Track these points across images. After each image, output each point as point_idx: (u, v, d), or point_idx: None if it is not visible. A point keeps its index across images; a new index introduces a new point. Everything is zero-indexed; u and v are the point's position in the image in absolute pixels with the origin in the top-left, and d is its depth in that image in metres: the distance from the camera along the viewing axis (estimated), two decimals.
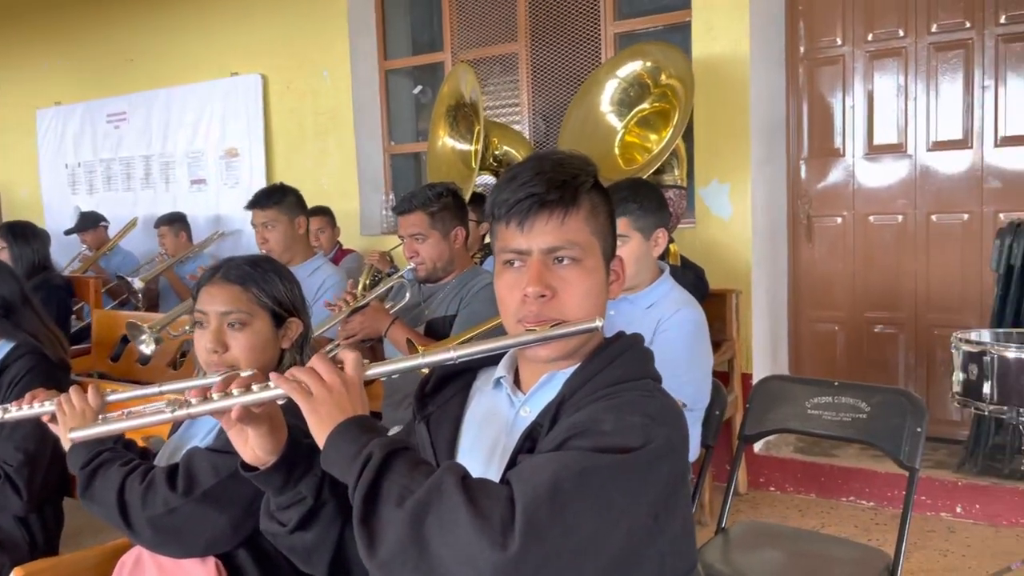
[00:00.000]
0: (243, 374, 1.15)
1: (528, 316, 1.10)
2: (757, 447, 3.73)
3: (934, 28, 3.67)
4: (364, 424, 1.04)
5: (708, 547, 2.16)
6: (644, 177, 3.44)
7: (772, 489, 3.69)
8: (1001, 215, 3.59)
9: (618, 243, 2.19)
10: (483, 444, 1.19)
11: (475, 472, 1.14)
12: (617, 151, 3.82)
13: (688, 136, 3.78)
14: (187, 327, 2.89)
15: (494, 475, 1.10)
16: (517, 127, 4.56)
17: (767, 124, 3.88)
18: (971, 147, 3.66)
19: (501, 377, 1.22)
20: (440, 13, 4.80)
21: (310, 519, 1.19)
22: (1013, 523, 3.17)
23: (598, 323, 1.08)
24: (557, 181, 1.10)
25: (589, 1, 4.28)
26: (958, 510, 3.30)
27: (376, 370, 1.09)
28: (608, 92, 3.80)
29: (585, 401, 1.07)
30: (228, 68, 5.31)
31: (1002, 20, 3.54)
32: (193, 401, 1.10)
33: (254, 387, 1.09)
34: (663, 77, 3.65)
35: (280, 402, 1.11)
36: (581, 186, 1.12)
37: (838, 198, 3.97)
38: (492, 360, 1.25)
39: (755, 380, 3.39)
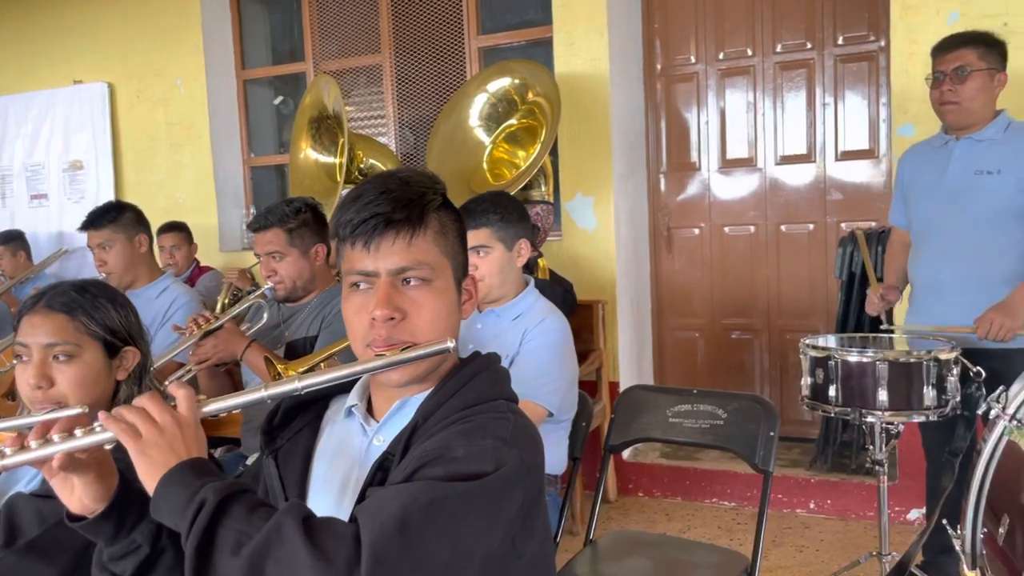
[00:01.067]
0: (68, 413, 1.05)
1: (377, 340, 1.06)
2: (626, 454, 3.81)
3: (779, 48, 3.87)
4: (198, 467, 0.97)
5: (577, 560, 2.17)
6: (512, 192, 3.48)
7: (641, 495, 3.77)
8: (843, 225, 3.82)
9: (481, 254, 2.22)
10: (335, 478, 1.14)
11: (327, 509, 1.08)
12: (486, 166, 3.83)
13: (553, 150, 3.83)
14: (13, 361, 2.66)
15: (347, 511, 1.05)
16: (383, 139, 4.50)
17: (628, 139, 3.99)
18: (815, 161, 3.88)
19: (353, 406, 1.17)
20: (300, 22, 4.67)
21: (147, 569, 1.10)
22: (861, 516, 3.36)
23: (449, 344, 1.05)
24: (404, 200, 1.07)
25: (452, 15, 4.28)
26: (812, 506, 3.47)
27: (213, 406, 1.02)
28: (477, 107, 3.81)
29: (438, 427, 1.04)
30: (71, 76, 4.98)
31: (839, 41, 3.77)
32: (7, 451, 0.99)
33: (77, 431, 1.00)
34: (530, 94, 3.69)
35: (108, 446, 1.02)
36: (428, 205, 1.10)
37: (695, 210, 4.12)
38: (344, 388, 1.20)
39: (622, 388, 3.46)
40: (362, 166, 3.96)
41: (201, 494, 0.93)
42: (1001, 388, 1.44)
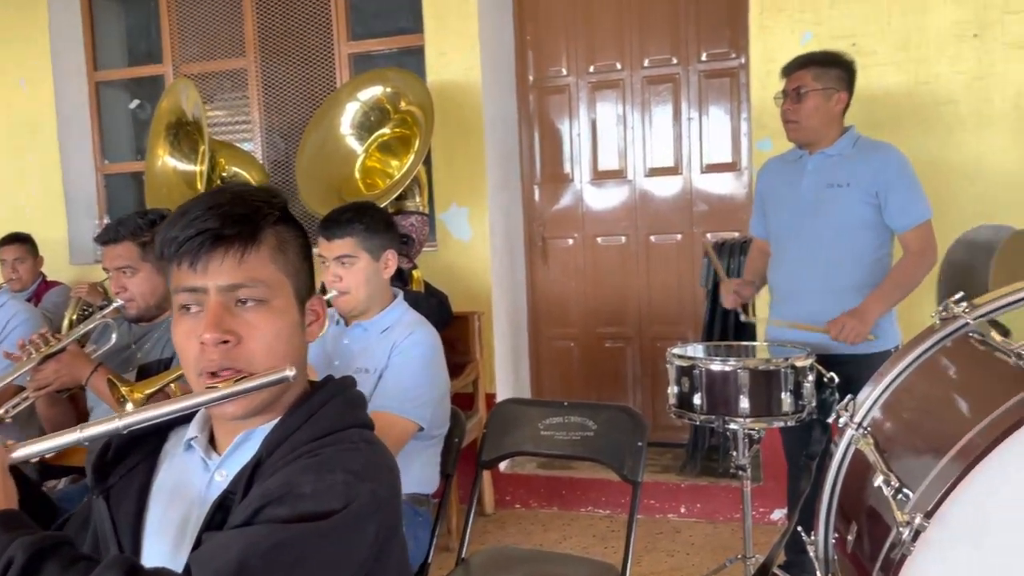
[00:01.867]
0: None
1: (209, 367, 0.98)
2: (503, 466, 3.79)
3: (646, 62, 3.97)
4: (7, 521, 0.86)
5: None
6: (386, 203, 3.41)
7: (518, 506, 3.77)
8: (708, 235, 3.94)
9: (346, 264, 2.15)
10: (173, 519, 1.04)
11: (163, 555, 1.00)
12: (358, 175, 3.74)
13: (428, 161, 3.78)
14: None
15: (185, 557, 0.97)
16: (248, 146, 4.32)
17: (502, 149, 3.99)
18: (681, 173, 3.99)
19: (192, 438, 1.08)
20: (158, 23, 4.44)
21: None
22: (729, 518, 3.47)
23: (289, 373, 0.97)
24: (235, 215, 0.99)
25: (321, 19, 4.16)
26: (682, 510, 3.56)
27: (25, 451, 0.92)
28: (348, 115, 3.71)
29: (283, 462, 0.97)
30: None
31: (703, 57, 3.90)
32: None
33: None
34: (403, 103, 3.63)
35: None
36: (264, 220, 1.02)
37: (569, 220, 4.16)
38: (184, 418, 1.11)
39: (499, 399, 3.44)
40: (225, 174, 3.79)
41: (9, 552, 0.83)
42: (849, 396, 1.49)
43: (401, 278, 3.37)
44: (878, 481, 1.16)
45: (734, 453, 2.49)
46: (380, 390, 2.07)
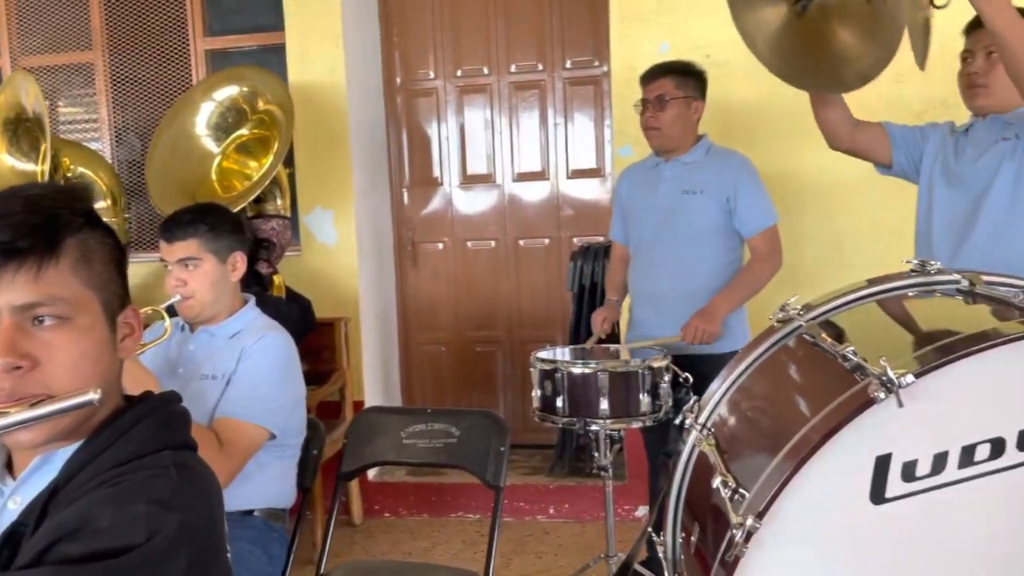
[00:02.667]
0: None
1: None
2: (371, 475, 3.72)
3: (513, 68, 3.99)
4: None
5: None
6: (244, 205, 3.28)
7: (387, 515, 3.70)
8: (575, 239, 4.00)
9: (190, 267, 2.04)
10: None
11: None
12: (215, 177, 3.58)
13: (290, 162, 3.66)
14: None
15: None
16: (96, 145, 4.07)
17: (369, 152, 3.91)
18: (548, 179, 4.04)
19: None
20: None
21: None
22: (596, 517, 3.52)
23: (93, 396, 0.87)
24: (29, 225, 0.89)
25: (175, 13, 3.97)
26: (551, 511, 3.59)
27: None
28: (204, 115, 3.54)
29: (82, 490, 0.88)
30: None
31: (568, 64, 3.95)
32: None
33: None
34: (261, 103, 3.50)
35: None
36: (64, 228, 0.92)
37: (439, 224, 4.13)
38: None
39: (368, 407, 3.37)
40: (69, 174, 3.55)
41: None
42: (695, 398, 1.53)
43: (261, 283, 3.26)
44: (716, 482, 1.19)
45: (596, 454, 2.52)
46: (227, 396, 1.98)
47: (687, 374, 2.40)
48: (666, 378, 2.43)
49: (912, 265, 1.42)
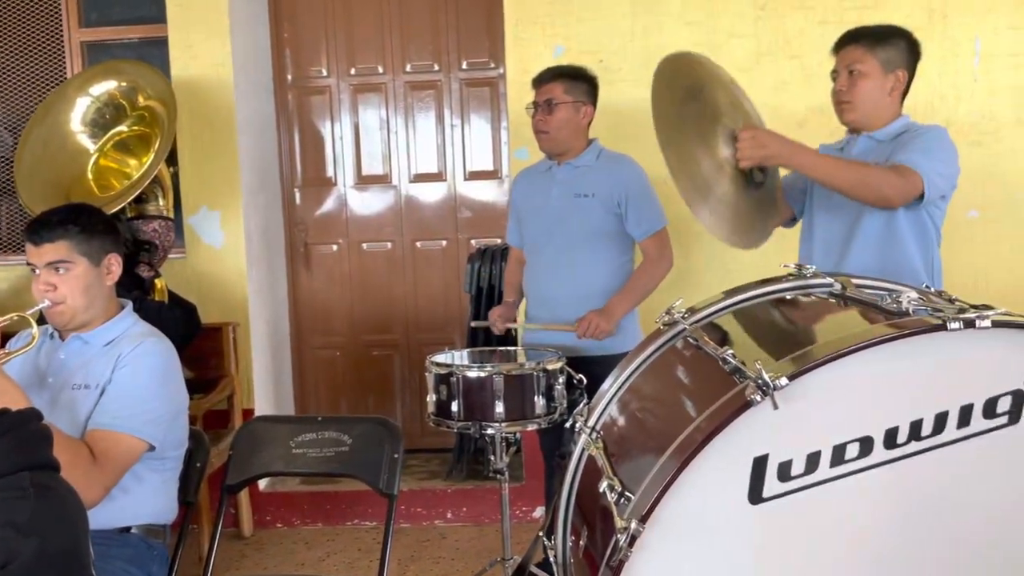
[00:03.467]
0: None
1: None
2: (262, 485, 3.61)
3: (408, 68, 3.95)
4: None
5: None
6: (123, 205, 3.12)
7: (279, 526, 3.59)
8: (472, 241, 3.99)
9: (60, 271, 1.92)
10: None
11: None
12: (91, 176, 3.39)
13: (173, 161, 3.51)
14: None
15: None
16: None
17: (259, 151, 3.79)
18: (446, 180, 4.01)
19: None
20: None
21: None
22: (494, 520, 3.52)
23: None
24: None
25: (48, 2, 3.74)
26: (449, 516, 3.57)
27: None
28: (79, 110, 3.35)
29: None
30: None
31: (464, 66, 3.94)
32: None
33: None
34: (141, 99, 3.34)
35: None
36: None
37: (333, 226, 4.05)
38: None
39: (259, 415, 3.27)
40: None
41: None
42: (584, 402, 1.54)
43: (142, 287, 3.11)
44: (603, 486, 1.20)
45: (492, 457, 2.52)
46: (102, 406, 1.87)
47: (581, 375, 2.42)
48: (560, 380, 2.45)
49: (790, 269, 1.47)
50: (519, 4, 3.39)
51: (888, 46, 2.17)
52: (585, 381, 2.41)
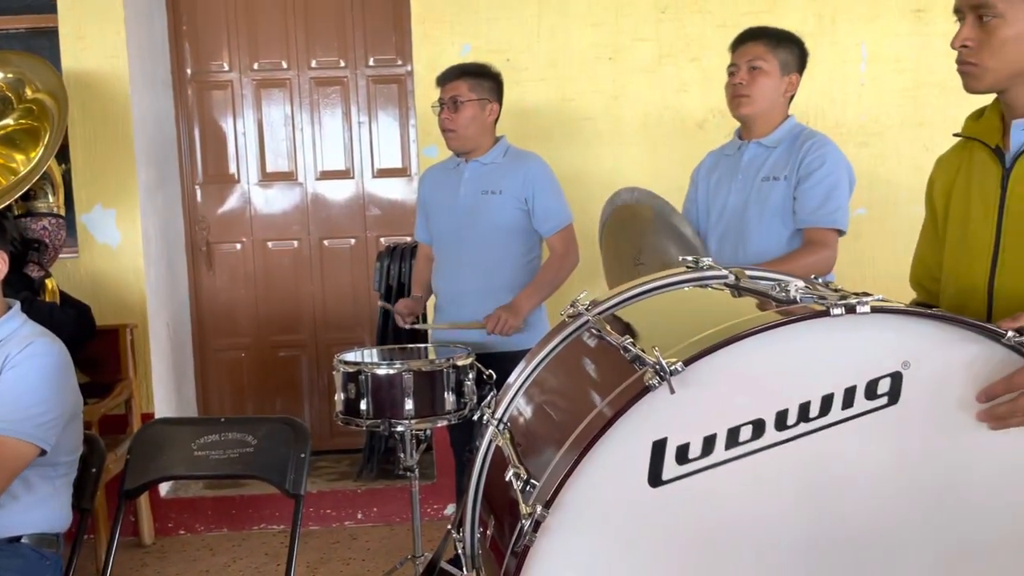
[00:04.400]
0: None
1: None
2: (163, 491, 3.49)
3: (314, 64, 3.89)
4: None
5: None
6: (10, 202, 2.96)
7: (183, 532, 3.48)
8: (382, 239, 3.96)
9: None
10: None
11: None
12: None
13: (65, 156, 3.36)
14: None
15: None
16: None
17: (156, 146, 3.67)
18: (353, 177, 3.97)
19: None
20: None
21: None
22: (405, 519, 3.50)
23: None
24: None
25: None
26: (359, 516, 3.53)
27: None
28: None
29: None
30: None
31: (371, 63, 3.90)
32: None
33: None
34: (29, 91, 3.17)
35: None
36: None
37: (237, 224, 3.95)
38: None
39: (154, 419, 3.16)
40: None
41: None
42: (492, 394, 1.55)
43: (31, 288, 2.96)
44: (509, 475, 1.21)
45: (402, 455, 2.51)
46: None
47: (491, 371, 2.44)
48: (470, 376, 2.46)
49: (687, 262, 1.52)
50: (426, 2, 3.38)
51: (786, 49, 2.27)
52: (495, 376, 2.42)
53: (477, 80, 2.65)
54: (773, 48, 2.25)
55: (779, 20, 3.30)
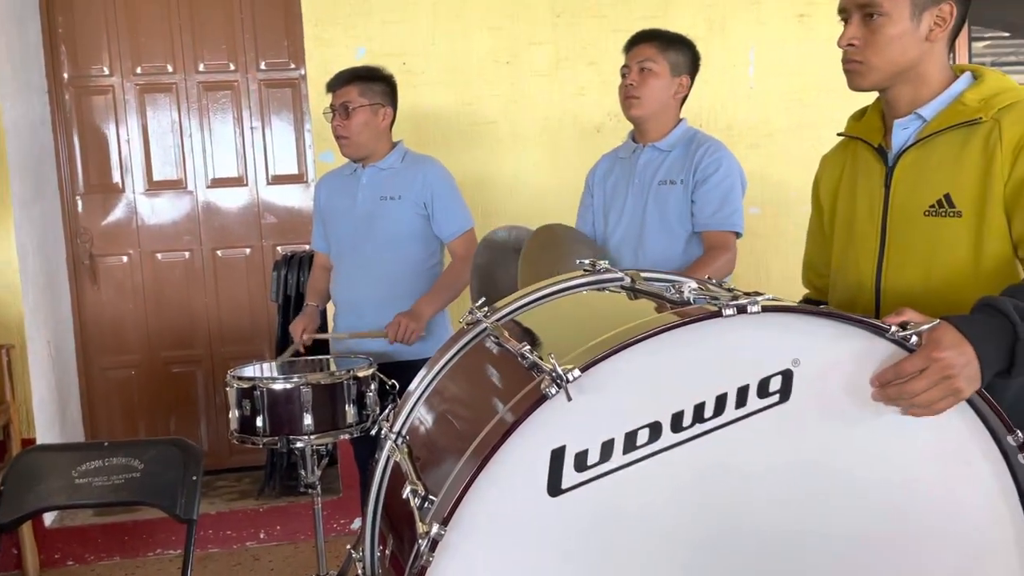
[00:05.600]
0: None
1: None
2: (49, 520, 3.29)
3: (202, 67, 3.74)
4: None
5: None
6: None
7: (71, 563, 3.29)
8: (279, 248, 3.84)
9: None
10: None
11: None
12: None
13: None
14: None
15: None
16: None
17: (31, 156, 3.45)
18: (247, 185, 3.84)
19: None
20: None
21: None
22: (309, 537, 3.39)
23: None
24: None
25: None
26: (262, 536, 3.41)
27: None
28: None
29: None
30: None
31: (262, 66, 3.78)
32: None
33: None
34: None
35: None
36: None
37: (123, 235, 3.76)
38: None
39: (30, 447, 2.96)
40: None
41: None
42: (391, 407, 1.50)
43: None
44: (406, 492, 1.17)
45: (303, 472, 2.42)
46: None
47: (393, 381, 2.38)
48: (372, 387, 2.39)
49: (585, 265, 1.51)
50: (319, 4, 3.30)
51: (677, 51, 2.31)
52: (397, 386, 2.37)
53: (368, 85, 2.59)
54: (663, 50, 2.28)
55: (671, 24, 3.36)
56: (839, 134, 1.65)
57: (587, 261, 1.51)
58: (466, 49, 3.41)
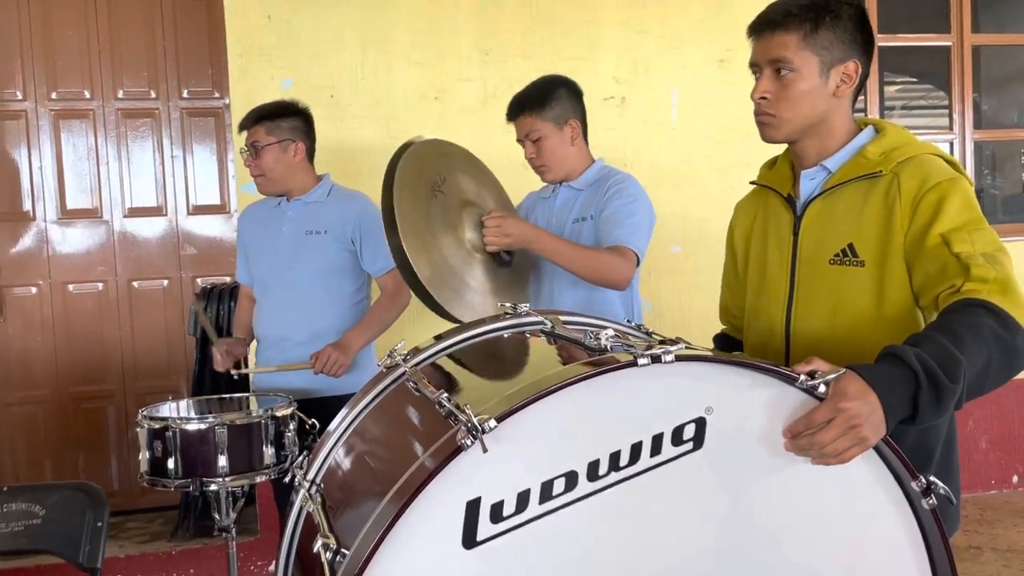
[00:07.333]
0: None
1: None
2: None
3: (121, 94, 3.65)
4: None
5: None
6: None
7: None
8: (198, 280, 3.74)
9: None
10: None
11: None
12: None
13: None
14: None
15: None
16: None
17: None
18: (166, 214, 3.74)
19: None
20: None
21: None
22: None
23: None
24: None
25: None
26: None
27: None
28: None
29: None
30: None
31: (185, 94, 3.71)
32: None
33: None
34: None
35: None
36: None
37: (32, 265, 3.62)
38: None
39: None
40: None
41: None
42: (305, 452, 1.47)
43: None
44: (317, 545, 1.14)
45: (217, 516, 2.34)
46: None
47: (313, 420, 2.33)
48: (292, 426, 2.33)
49: (506, 308, 1.51)
50: (243, 34, 3.25)
51: (553, 104, 2.32)
52: (317, 426, 2.31)
53: (274, 122, 2.56)
54: (539, 113, 2.31)
55: (596, 66, 3.45)
56: (751, 182, 1.70)
57: (508, 304, 1.51)
58: (392, 84, 3.40)
